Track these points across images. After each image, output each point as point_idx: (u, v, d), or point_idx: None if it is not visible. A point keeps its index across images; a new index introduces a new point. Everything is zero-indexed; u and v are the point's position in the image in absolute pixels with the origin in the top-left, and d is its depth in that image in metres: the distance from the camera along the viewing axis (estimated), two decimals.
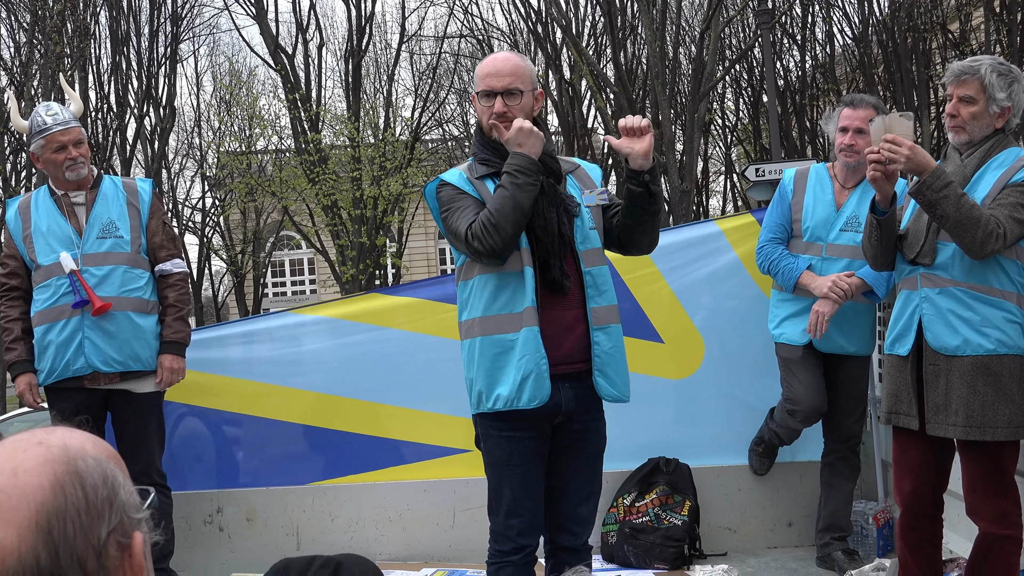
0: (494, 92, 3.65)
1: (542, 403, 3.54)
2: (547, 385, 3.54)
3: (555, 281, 3.61)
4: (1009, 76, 3.86)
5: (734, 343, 5.67)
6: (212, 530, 5.62)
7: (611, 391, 3.70)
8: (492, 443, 3.69)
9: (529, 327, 3.54)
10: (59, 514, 1.13)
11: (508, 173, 3.54)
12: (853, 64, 24.91)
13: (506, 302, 3.60)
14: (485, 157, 3.75)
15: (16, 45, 21.86)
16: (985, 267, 3.80)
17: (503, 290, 3.61)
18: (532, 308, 3.56)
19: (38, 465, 1.16)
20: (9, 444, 1.20)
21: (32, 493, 1.13)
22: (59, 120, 4.91)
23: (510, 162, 3.56)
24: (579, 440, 3.74)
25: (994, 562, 3.87)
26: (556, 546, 3.79)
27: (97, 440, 1.26)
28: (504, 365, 3.58)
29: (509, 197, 3.49)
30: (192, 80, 51.46)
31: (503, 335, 3.59)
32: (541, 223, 3.59)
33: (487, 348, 3.62)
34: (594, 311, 3.66)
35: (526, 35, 28.03)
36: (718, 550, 5.51)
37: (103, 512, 1.17)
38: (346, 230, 26.60)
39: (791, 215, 5.12)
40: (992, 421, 3.75)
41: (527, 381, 3.53)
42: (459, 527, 5.49)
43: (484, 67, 3.73)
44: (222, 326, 6.43)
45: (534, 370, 3.53)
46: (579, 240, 3.68)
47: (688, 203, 21.65)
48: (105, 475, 1.20)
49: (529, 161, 3.54)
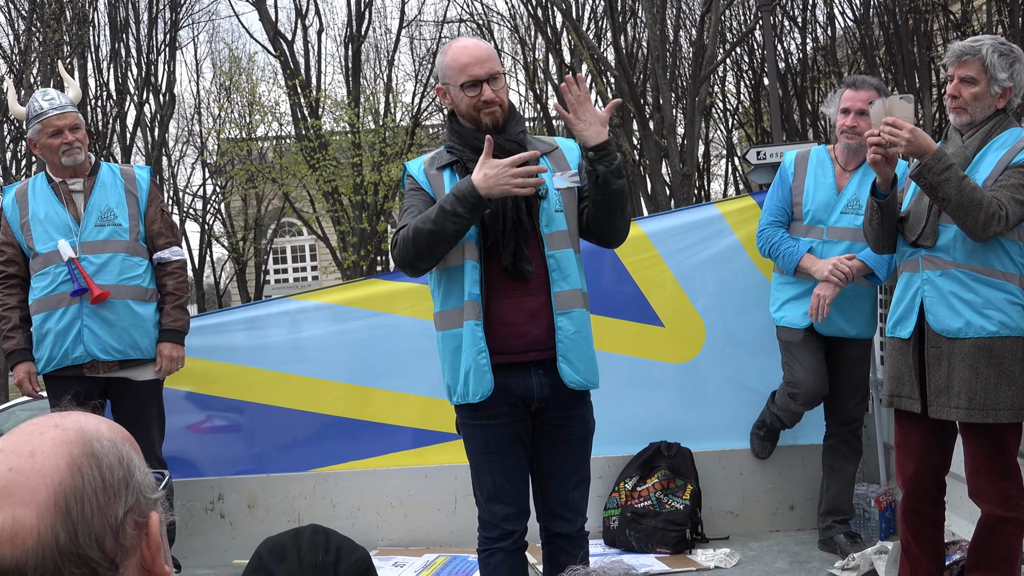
0: (479, 80, 3.59)
1: (485, 396, 3.53)
2: (488, 378, 3.52)
3: (514, 268, 3.55)
4: (1010, 56, 3.83)
5: (735, 327, 5.65)
6: (213, 517, 5.62)
7: (575, 377, 3.58)
8: (468, 432, 3.69)
9: (468, 321, 3.53)
10: (77, 494, 1.15)
11: (451, 193, 3.48)
12: (854, 46, 24.82)
13: (456, 297, 3.59)
14: (451, 145, 3.71)
15: (15, 33, 21.80)
16: (987, 249, 3.79)
17: (452, 285, 3.61)
18: (472, 302, 3.53)
19: (55, 447, 1.18)
20: (26, 427, 1.23)
21: (50, 474, 1.15)
22: (55, 105, 4.89)
23: (458, 185, 3.48)
24: (562, 427, 3.69)
25: (997, 544, 3.86)
26: (551, 533, 3.77)
27: (111, 423, 1.29)
28: (459, 360, 3.59)
29: (431, 220, 3.46)
30: (192, 67, 51.43)
31: (454, 330, 3.60)
32: (492, 211, 3.53)
33: (447, 342, 3.64)
34: (557, 295, 3.58)
35: (526, 19, 27.92)
36: (720, 534, 5.51)
37: (120, 492, 1.19)
38: (347, 216, 26.58)
39: (792, 198, 5.10)
40: (994, 403, 3.74)
41: (469, 376, 3.54)
42: (460, 513, 5.48)
43: (459, 56, 3.62)
44: (223, 312, 6.42)
45: (472, 365, 3.53)
46: (543, 223, 3.60)
47: (689, 187, 21.61)
48: (120, 456, 1.22)
49: (471, 191, 3.42)
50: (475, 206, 3.43)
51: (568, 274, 3.61)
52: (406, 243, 3.52)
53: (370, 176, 26.05)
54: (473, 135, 3.62)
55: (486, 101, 3.59)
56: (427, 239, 3.47)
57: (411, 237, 3.50)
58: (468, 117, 3.66)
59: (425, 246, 3.49)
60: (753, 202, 5.67)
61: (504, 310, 3.55)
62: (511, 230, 3.55)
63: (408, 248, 3.52)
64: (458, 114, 3.71)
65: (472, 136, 3.63)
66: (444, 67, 3.67)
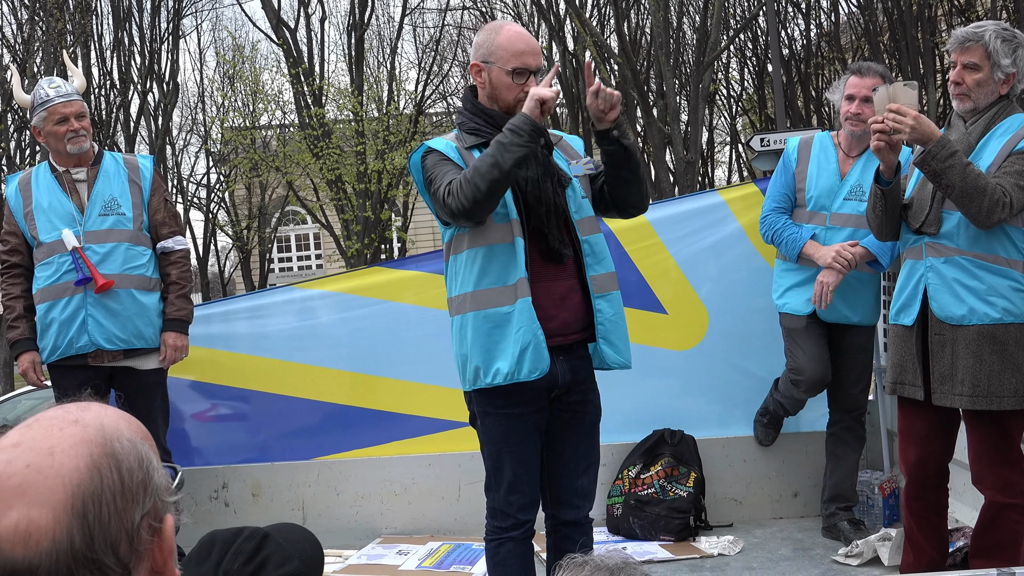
0: (529, 71, 3.58)
1: (542, 374, 3.50)
2: (546, 356, 3.50)
3: (554, 251, 3.57)
4: (1013, 42, 3.82)
5: (738, 313, 5.65)
6: (218, 506, 5.64)
7: (617, 358, 3.67)
8: (490, 420, 3.64)
9: (523, 298, 3.49)
10: (95, 497, 1.12)
11: (503, 130, 3.46)
12: (858, 32, 24.77)
13: (497, 275, 3.53)
14: (475, 126, 3.66)
15: (18, 22, 21.79)
16: (991, 236, 3.78)
17: (492, 262, 3.54)
18: (524, 279, 3.51)
19: (75, 445, 1.15)
20: (45, 422, 1.19)
21: (69, 475, 1.12)
22: (61, 93, 4.90)
23: (511, 122, 3.47)
24: (578, 412, 3.71)
25: (1000, 531, 3.87)
26: (558, 521, 3.77)
27: (131, 419, 1.26)
28: (500, 339, 3.52)
29: (491, 155, 3.40)
30: (195, 55, 51.38)
31: (496, 308, 3.52)
32: (535, 193, 3.54)
33: (480, 323, 3.55)
34: (594, 279, 3.63)
35: (529, 6, 27.88)
36: (724, 521, 5.52)
37: (138, 496, 1.16)
38: (351, 204, 26.59)
39: (795, 184, 5.09)
40: (999, 390, 3.74)
41: (526, 353, 3.48)
42: (464, 501, 5.49)
43: (516, 42, 3.59)
44: (227, 301, 6.43)
45: (532, 341, 3.48)
46: (573, 210, 3.64)
47: (693, 174, 21.61)
48: (140, 458, 1.19)
49: (526, 120, 3.42)
50: (531, 133, 3.41)
51: (603, 258, 3.69)
52: (468, 185, 3.39)
53: (374, 164, 26.05)
54: (503, 117, 3.59)
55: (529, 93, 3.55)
56: (487, 174, 3.37)
57: (472, 178, 3.39)
58: (502, 103, 3.63)
59: (486, 185, 3.38)
60: (756, 189, 5.66)
61: (536, 293, 3.54)
62: (553, 213, 3.58)
63: (471, 189, 3.39)
64: (485, 94, 3.66)
65: (502, 118, 3.59)
66: (495, 46, 3.60)
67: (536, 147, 3.48)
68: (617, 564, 1.52)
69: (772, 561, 4.91)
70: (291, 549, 2.14)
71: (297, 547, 2.16)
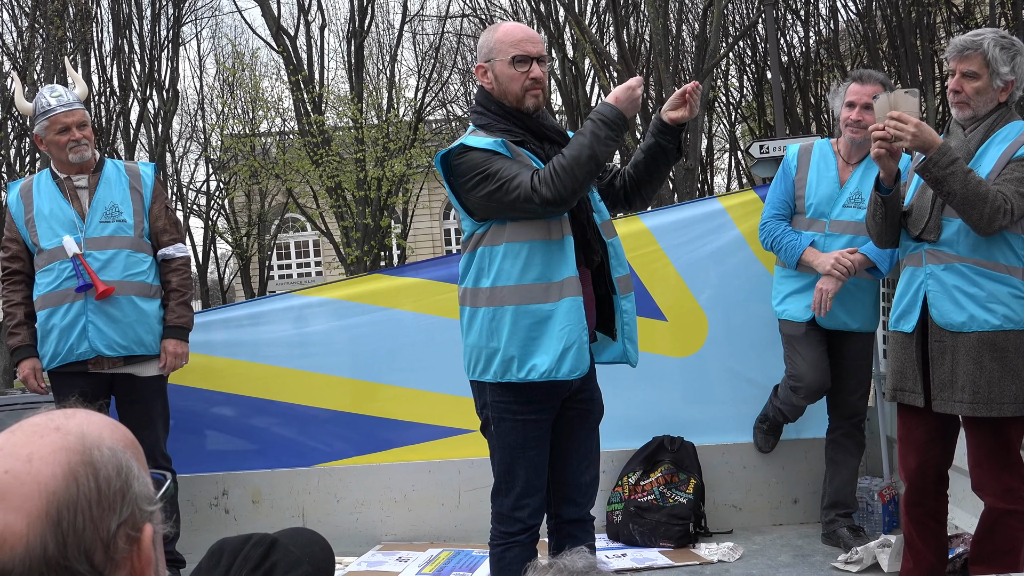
0: (530, 57, 3.59)
1: (582, 374, 3.53)
2: (587, 357, 3.53)
3: (590, 253, 3.64)
4: (1012, 49, 3.83)
5: (738, 320, 5.66)
6: (218, 512, 5.64)
7: (635, 356, 3.80)
8: (506, 426, 3.61)
9: (572, 297, 3.49)
10: (70, 505, 1.13)
11: (594, 121, 3.46)
12: (857, 39, 24.80)
13: (542, 271, 3.51)
14: (506, 127, 3.61)
15: (18, 30, 21.82)
16: (991, 243, 3.78)
17: (537, 258, 3.51)
18: (575, 278, 3.51)
19: (53, 452, 1.15)
20: (27, 427, 1.19)
21: (45, 482, 1.13)
22: (63, 102, 4.91)
23: (599, 110, 3.48)
24: (585, 410, 3.75)
25: (1000, 537, 3.86)
26: (561, 520, 3.79)
27: (116, 426, 1.25)
28: (540, 336, 3.49)
29: (588, 146, 3.42)
30: (195, 63, 51.41)
31: (539, 305, 3.50)
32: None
33: (521, 318, 3.51)
34: (619, 280, 3.70)
35: (528, 13, 27.90)
36: (723, 528, 5.52)
37: (115, 504, 1.16)
38: (350, 212, 26.60)
39: (794, 191, 5.10)
40: (999, 397, 3.74)
41: (568, 352, 3.47)
42: (464, 507, 5.49)
43: (513, 32, 3.63)
44: (227, 308, 6.42)
45: (576, 341, 3.48)
46: (596, 213, 3.71)
47: (693, 181, 21.61)
48: (119, 466, 1.18)
49: (618, 115, 3.46)
50: (621, 128, 3.49)
51: (623, 260, 3.76)
52: (567, 176, 3.40)
53: (373, 171, 26.07)
54: (528, 117, 3.61)
55: (534, 79, 3.58)
56: (586, 166, 3.41)
57: (571, 169, 3.40)
58: (511, 96, 3.62)
59: (583, 174, 3.41)
60: (755, 196, 5.67)
61: None
62: (590, 216, 3.65)
63: (570, 180, 3.39)
64: (496, 95, 3.65)
65: (527, 118, 3.61)
66: (494, 42, 3.63)
67: (622, 141, 3.55)
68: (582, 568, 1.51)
69: (772, 567, 4.91)
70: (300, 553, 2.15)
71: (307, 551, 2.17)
